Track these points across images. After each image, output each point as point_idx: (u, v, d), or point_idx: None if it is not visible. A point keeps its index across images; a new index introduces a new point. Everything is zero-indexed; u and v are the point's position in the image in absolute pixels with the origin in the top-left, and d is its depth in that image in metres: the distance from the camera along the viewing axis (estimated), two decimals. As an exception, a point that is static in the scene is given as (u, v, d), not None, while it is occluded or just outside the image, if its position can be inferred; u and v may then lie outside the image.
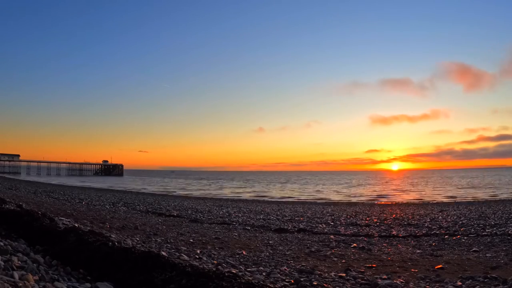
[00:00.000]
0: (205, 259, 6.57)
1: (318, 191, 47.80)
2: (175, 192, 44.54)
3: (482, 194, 35.83)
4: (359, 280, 5.42)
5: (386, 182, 74.76)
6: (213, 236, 9.80)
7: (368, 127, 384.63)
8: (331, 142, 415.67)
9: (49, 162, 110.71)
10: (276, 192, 44.88)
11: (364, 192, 43.53)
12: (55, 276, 3.74)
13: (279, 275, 5.55)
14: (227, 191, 47.17)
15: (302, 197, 36.85)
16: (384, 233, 11.49)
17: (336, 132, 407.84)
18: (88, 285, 3.65)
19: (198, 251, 7.39)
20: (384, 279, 5.62)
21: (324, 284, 5.03)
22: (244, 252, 7.66)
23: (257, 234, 10.95)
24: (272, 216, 16.66)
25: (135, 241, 7.92)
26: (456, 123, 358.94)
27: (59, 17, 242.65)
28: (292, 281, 5.13)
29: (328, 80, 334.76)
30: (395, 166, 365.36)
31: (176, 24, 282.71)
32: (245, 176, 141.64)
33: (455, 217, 15.25)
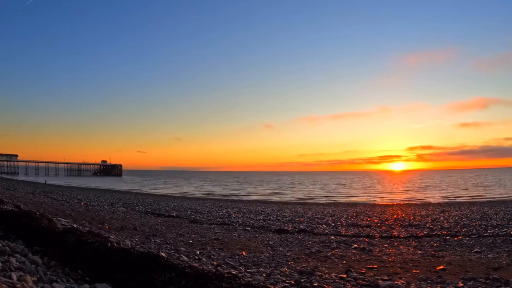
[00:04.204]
0: (204, 260, 6.53)
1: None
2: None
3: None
4: (360, 281, 5.39)
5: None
6: (213, 237, 9.76)
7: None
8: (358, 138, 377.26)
9: (47, 162, 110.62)
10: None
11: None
12: (54, 277, 3.70)
13: (279, 276, 5.52)
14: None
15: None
16: (385, 234, 11.45)
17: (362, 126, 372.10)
18: (87, 286, 3.61)
19: (198, 252, 7.35)
20: (385, 280, 5.58)
21: (325, 285, 4.99)
22: (244, 253, 7.61)
23: (257, 235, 10.90)
24: (273, 217, 16.61)
25: (134, 241, 7.88)
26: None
27: (59, 19, 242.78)
28: (293, 282, 5.09)
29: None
30: (398, 166, 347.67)
31: (176, 25, 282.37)
32: (264, 177, 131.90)
33: (456, 218, 15.21)
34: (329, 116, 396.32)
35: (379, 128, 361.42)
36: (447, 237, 10.49)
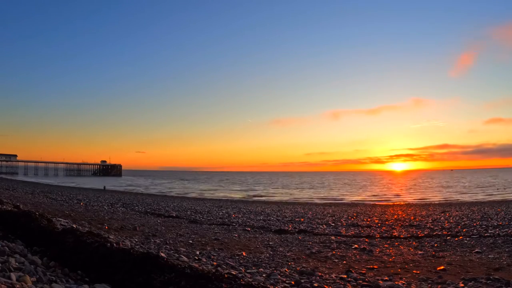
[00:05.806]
0: (204, 260, 6.51)
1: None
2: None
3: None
4: (360, 281, 5.37)
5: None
6: (213, 237, 9.74)
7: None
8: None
9: (46, 163, 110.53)
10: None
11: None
12: (53, 277, 3.69)
13: (279, 276, 5.50)
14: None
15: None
16: (386, 234, 11.43)
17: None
18: (86, 286, 3.59)
19: (198, 252, 7.33)
20: (386, 280, 5.57)
21: (325, 286, 4.98)
22: (244, 253, 7.59)
23: (257, 235, 10.88)
24: (273, 217, 16.60)
25: (134, 242, 7.86)
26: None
27: (58, 21, 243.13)
28: (293, 282, 5.08)
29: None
30: (402, 166, 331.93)
31: (176, 25, 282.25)
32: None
33: (457, 218, 15.19)
34: (354, 110, 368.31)
35: (396, 125, 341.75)
36: (448, 238, 10.47)
